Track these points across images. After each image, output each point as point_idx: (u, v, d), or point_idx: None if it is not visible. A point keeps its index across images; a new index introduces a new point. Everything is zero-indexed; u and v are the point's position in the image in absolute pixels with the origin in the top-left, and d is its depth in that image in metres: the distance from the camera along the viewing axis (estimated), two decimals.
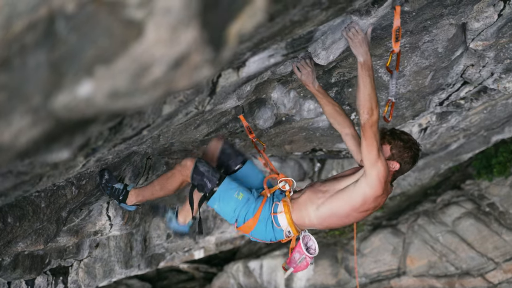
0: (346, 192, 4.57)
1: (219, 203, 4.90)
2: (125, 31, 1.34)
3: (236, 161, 5.35)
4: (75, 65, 1.36)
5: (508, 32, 5.50)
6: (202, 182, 4.85)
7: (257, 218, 4.82)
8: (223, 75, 3.55)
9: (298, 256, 4.92)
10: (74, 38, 1.34)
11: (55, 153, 1.66)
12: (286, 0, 2.45)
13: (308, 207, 4.74)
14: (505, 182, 11.93)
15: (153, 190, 5.20)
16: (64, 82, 1.37)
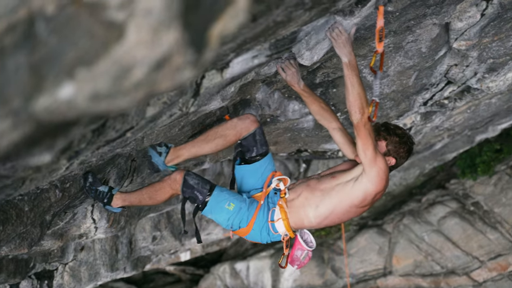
0: (345, 189, 4.58)
1: (211, 214, 4.91)
2: (106, 33, 1.34)
3: (258, 150, 5.08)
4: (56, 68, 1.34)
5: (491, 31, 5.53)
6: (193, 195, 4.82)
7: (251, 227, 4.82)
8: (207, 76, 3.54)
9: (301, 253, 4.95)
10: (54, 40, 1.33)
11: (37, 157, 1.64)
12: (269, 1, 2.44)
13: (306, 209, 4.72)
14: (489, 181, 11.99)
15: (140, 198, 5.14)
16: (44, 84, 1.36)
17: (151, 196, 5.06)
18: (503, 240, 11.62)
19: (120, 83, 1.39)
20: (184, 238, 9.74)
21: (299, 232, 4.95)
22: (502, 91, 7.28)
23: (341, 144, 5.05)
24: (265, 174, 5.08)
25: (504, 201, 11.74)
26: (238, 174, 5.18)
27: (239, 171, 5.17)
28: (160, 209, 8.21)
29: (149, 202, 5.16)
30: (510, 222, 11.66)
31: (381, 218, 12.84)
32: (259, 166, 5.08)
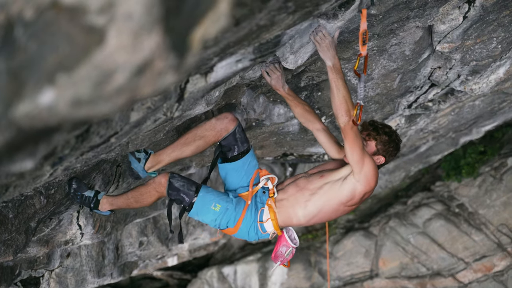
0: (334, 188, 4.62)
1: (197, 216, 4.89)
2: (87, 38, 1.32)
3: (240, 148, 5.04)
4: (36, 73, 1.33)
5: (474, 34, 5.55)
6: (179, 197, 4.80)
7: (238, 226, 4.83)
8: (191, 81, 3.53)
9: (285, 249, 4.97)
10: (34, 45, 1.31)
11: (19, 163, 1.62)
12: (251, 5, 2.44)
13: (295, 208, 4.76)
14: (474, 182, 12.04)
15: (127, 202, 5.09)
16: (25, 90, 1.34)
17: (137, 199, 5.00)
18: (487, 242, 11.67)
19: (101, 88, 1.38)
20: (171, 243, 9.71)
21: (285, 228, 4.96)
22: (485, 93, 7.31)
23: (325, 144, 5.10)
24: (249, 171, 5.07)
25: (489, 202, 11.80)
26: (222, 172, 5.18)
27: (222, 170, 5.16)
28: (147, 214, 8.19)
29: (136, 205, 5.11)
30: (495, 223, 11.72)
31: (368, 221, 12.86)
32: (242, 163, 5.06)
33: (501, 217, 11.72)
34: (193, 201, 4.79)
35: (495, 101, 8.50)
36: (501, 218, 11.72)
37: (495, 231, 11.70)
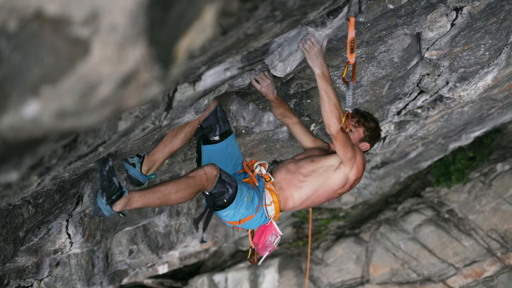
0: (327, 173, 4.77)
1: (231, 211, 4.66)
2: (71, 50, 1.32)
3: (221, 127, 4.99)
4: (20, 85, 1.32)
5: (461, 41, 5.58)
6: (224, 189, 4.50)
7: (256, 213, 4.78)
8: (179, 90, 3.52)
9: (274, 238, 5.01)
10: (17, 57, 1.31)
11: (3, 175, 1.61)
12: (239, 14, 2.44)
13: (292, 189, 4.85)
14: (463, 188, 12.08)
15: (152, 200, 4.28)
16: (9, 102, 1.33)
17: (169, 197, 4.30)
18: (477, 247, 11.70)
19: (86, 100, 1.37)
20: (161, 251, 9.68)
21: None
22: (473, 99, 7.35)
23: (300, 136, 5.29)
24: (233, 154, 5.12)
25: (478, 208, 11.84)
26: (204, 155, 5.09)
27: (205, 152, 5.09)
28: (136, 222, 8.15)
29: (159, 204, 4.40)
30: (485, 229, 11.76)
31: (358, 227, 12.86)
32: (226, 145, 5.07)
33: (490, 223, 11.76)
34: (235, 191, 4.54)
35: (484, 108, 8.54)
36: (491, 223, 11.76)
37: (485, 236, 11.74)
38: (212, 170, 4.37)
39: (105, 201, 4.03)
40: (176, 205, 9.03)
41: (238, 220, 4.76)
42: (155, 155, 4.97)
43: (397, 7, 4.58)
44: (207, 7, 1.52)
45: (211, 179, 4.37)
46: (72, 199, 5.43)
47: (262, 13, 2.60)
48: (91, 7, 1.29)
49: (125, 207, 4.19)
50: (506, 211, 11.67)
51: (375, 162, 11.01)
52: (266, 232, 5.02)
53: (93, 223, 6.91)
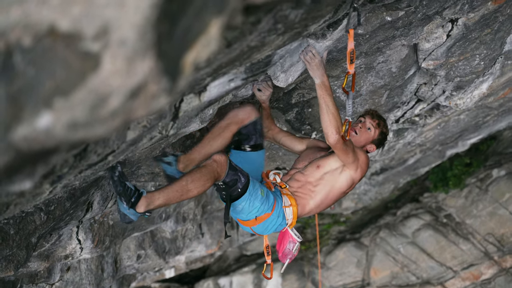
0: (334, 177, 4.81)
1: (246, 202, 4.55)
2: (82, 63, 1.33)
3: (257, 139, 4.98)
4: (34, 98, 1.34)
5: (457, 51, 5.59)
6: (237, 177, 4.41)
7: (272, 212, 4.71)
8: (185, 100, 3.53)
9: (293, 245, 5.02)
10: (32, 71, 1.32)
11: (18, 184, 1.63)
12: (242, 27, 2.45)
13: (307, 199, 4.87)
14: (461, 193, 12.07)
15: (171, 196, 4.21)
16: (23, 114, 1.34)
17: (188, 188, 4.21)
18: (475, 251, 11.69)
19: (97, 111, 1.38)
20: (168, 255, 9.68)
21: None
22: (469, 107, 7.35)
23: (288, 142, 5.38)
24: (259, 168, 5.11)
25: (475, 212, 11.83)
26: (234, 159, 4.91)
27: (236, 157, 4.99)
28: (144, 228, 8.16)
29: (180, 198, 4.27)
30: (482, 233, 11.74)
31: (359, 232, 12.85)
32: (257, 156, 5.07)
33: (487, 227, 11.75)
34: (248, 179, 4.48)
35: (480, 115, 8.54)
36: (488, 227, 11.74)
37: (482, 240, 11.72)
38: (221, 157, 4.34)
39: (126, 206, 4.04)
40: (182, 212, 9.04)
41: (254, 218, 4.67)
42: (193, 155, 4.92)
43: (395, 19, 4.59)
44: (213, 21, 1.53)
45: (223, 166, 4.33)
46: (82, 206, 5.44)
47: (265, 26, 2.62)
48: (101, 22, 1.30)
49: (148, 207, 4.13)
50: (502, 216, 11.66)
51: (374, 168, 11.01)
52: (284, 240, 5.01)
53: (103, 229, 6.91)
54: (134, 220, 4.15)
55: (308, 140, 5.38)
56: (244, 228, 4.90)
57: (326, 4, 3.01)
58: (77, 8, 1.29)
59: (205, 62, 1.60)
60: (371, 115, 4.99)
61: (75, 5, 1.29)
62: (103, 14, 1.30)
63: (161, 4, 1.34)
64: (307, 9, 2.77)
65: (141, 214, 4.12)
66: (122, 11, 1.30)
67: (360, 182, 11.69)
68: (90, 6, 1.29)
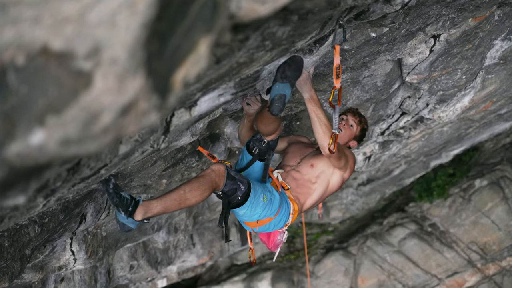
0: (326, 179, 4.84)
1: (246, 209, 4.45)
2: (75, 81, 1.33)
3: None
4: (27, 115, 1.33)
5: (440, 66, 5.63)
6: (236, 186, 4.30)
7: (275, 216, 4.65)
8: (176, 115, 3.53)
9: (282, 235, 4.98)
10: (25, 89, 1.32)
11: (11, 199, 1.62)
12: (231, 44, 2.46)
13: (306, 198, 4.88)
14: (444, 203, 12.12)
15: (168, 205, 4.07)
16: (16, 131, 1.34)
17: (186, 197, 4.09)
18: (458, 259, 11.72)
19: (89, 128, 1.38)
20: (160, 266, 9.64)
21: None
22: (452, 120, 7.39)
23: None
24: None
25: (459, 221, 11.87)
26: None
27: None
28: (137, 239, 8.13)
29: (178, 206, 4.13)
30: (465, 241, 11.78)
31: (346, 241, 12.85)
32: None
33: (470, 235, 11.79)
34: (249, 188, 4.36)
35: (462, 127, 8.59)
36: (471, 236, 11.78)
37: (466, 248, 11.75)
38: (219, 167, 4.24)
39: (124, 215, 3.93)
40: (174, 222, 9.01)
41: (256, 221, 4.59)
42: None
43: (379, 35, 4.62)
44: (202, 40, 1.54)
45: (221, 176, 4.22)
46: (75, 218, 5.41)
47: (253, 43, 2.62)
48: (93, 42, 1.31)
49: (146, 215, 4.01)
50: (485, 225, 11.70)
51: (361, 179, 11.03)
52: (273, 233, 4.98)
53: (96, 240, 6.88)
54: (133, 228, 4.03)
55: (287, 137, 5.38)
56: (246, 227, 4.81)
57: (313, 21, 3.02)
58: (69, 28, 1.29)
59: (195, 78, 1.60)
60: (353, 112, 5.06)
61: (67, 25, 1.29)
62: (94, 34, 1.30)
63: (151, 24, 1.34)
64: (294, 26, 2.78)
65: (140, 221, 4.02)
66: (113, 31, 1.31)
67: (347, 193, 11.78)
68: (82, 26, 1.30)
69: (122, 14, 1.30)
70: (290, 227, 12.71)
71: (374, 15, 4.09)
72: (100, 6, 1.29)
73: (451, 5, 4.58)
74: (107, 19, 1.30)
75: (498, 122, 9.24)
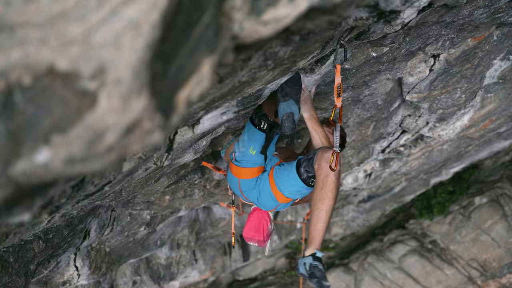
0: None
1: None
2: (80, 101, 1.34)
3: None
4: (33, 134, 1.34)
5: (439, 85, 5.63)
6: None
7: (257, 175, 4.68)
8: (179, 132, 3.54)
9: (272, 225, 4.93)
10: (31, 108, 1.33)
11: (17, 216, 1.62)
12: (234, 64, 2.47)
13: None
14: (445, 220, 12.08)
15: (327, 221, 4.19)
16: (22, 150, 1.35)
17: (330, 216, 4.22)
18: (459, 275, 11.66)
19: (93, 147, 1.39)
20: (163, 281, 9.60)
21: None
22: (452, 138, 7.39)
23: None
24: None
25: (459, 239, 11.82)
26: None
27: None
28: (140, 254, 8.11)
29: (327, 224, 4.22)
30: (465, 258, 11.72)
31: (347, 257, 12.80)
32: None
33: (470, 252, 11.73)
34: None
35: (462, 145, 8.58)
36: (471, 253, 11.73)
37: (466, 265, 11.69)
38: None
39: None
40: (176, 238, 9.00)
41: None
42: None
43: (380, 55, 4.63)
44: (205, 60, 1.55)
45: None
46: (79, 233, 5.41)
47: (255, 62, 2.63)
48: (98, 62, 1.31)
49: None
50: (484, 242, 11.65)
51: (362, 196, 11.00)
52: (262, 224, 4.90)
53: (99, 256, 6.86)
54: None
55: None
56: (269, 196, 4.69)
57: (314, 41, 3.03)
58: (75, 49, 1.30)
59: (198, 98, 1.61)
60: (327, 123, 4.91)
61: (73, 46, 1.30)
62: (100, 55, 1.31)
63: (155, 45, 1.35)
64: (295, 46, 2.79)
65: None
66: (118, 52, 1.31)
67: (348, 209, 11.75)
68: (88, 47, 1.31)
69: (126, 35, 1.31)
70: (291, 243, 12.72)
71: (375, 35, 4.11)
72: (105, 27, 1.31)
73: (451, 26, 4.60)
74: (112, 40, 1.31)
75: (498, 140, 9.24)
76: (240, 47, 2.01)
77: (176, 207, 6.94)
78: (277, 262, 13.32)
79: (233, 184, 4.83)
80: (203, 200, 7.03)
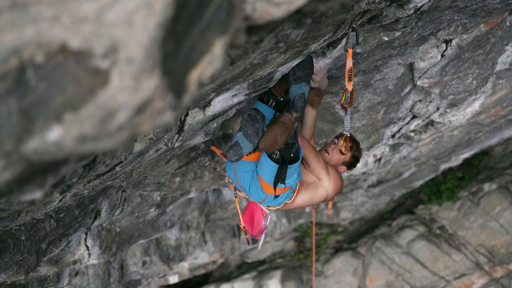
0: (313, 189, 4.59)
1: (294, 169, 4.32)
2: (92, 80, 1.33)
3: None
4: (45, 112, 1.34)
5: (451, 70, 5.59)
6: (295, 141, 4.18)
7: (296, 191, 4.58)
8: (190, 114, 3.54)
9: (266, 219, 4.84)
10: (43, 86, 1.32)
11: (29, 194, 1.63)
12: (245, 46, 2.46)
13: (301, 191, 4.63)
14: (453, 206, 12.06)
15: (273, 141, 3.80)
16: (34, 127, 1.35)
17: (276, 140, 3.81)
18: (466, 261, 11.66)
19: (105, 126, 1.38)
20: (172, 262, 9.66)
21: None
22: (462, 124, 7.35)
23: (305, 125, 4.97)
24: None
25: (467, 224, 11.81)
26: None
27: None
28: (149, 235, 8.15)
29: (270, 148, 3.84)
30: (473, 244, 11.71)
31: (355, 242, 12.83)
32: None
33: (478, 238, 11.72)
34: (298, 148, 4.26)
35: (472, 132, 8.54)
36: (479, 239, 11.72)
37: (473, 251, 11.68)
38: (291, 116, 4.02)
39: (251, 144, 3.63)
40: (186, 220, 9.04)
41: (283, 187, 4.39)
42: None
43: (391, 39, 4.60)
44: (217, 41, 1.54)
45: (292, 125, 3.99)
46: (90, 214, 5.44)
47: (267, 45, 2.62)
48: (110, 41, 1.31)
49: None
50: (493, 228, 11.63)
51: (371, 181, 11.00)
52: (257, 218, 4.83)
53: (110, 236, 6.91)
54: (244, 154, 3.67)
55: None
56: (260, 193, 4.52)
57: (326, 24, 3.01)
58: (87, 27, 1.30)
59: (209, 78, 1.60)
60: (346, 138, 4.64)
61: (85, 24, 1.30)
62: (112, 34, 1.31)
63: (167, 24, 1.34)
64: (307, 29, 2.77)
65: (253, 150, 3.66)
66: (130, 31, 1.31)
67: (357, 194, 11.75)
68: (100, 26, 1.30)
69: (139, 14, 1.31)
70: (300, 226, 12.76)
71: (387, 19, 4.07)
72: (117, 6, 1.30)
73: (463, 11, 4.55)
74: (124, 19, 1.30)
75: (508, 126, 9.18)
76: (252, 28, 2.00)
77: (186, 189, 6.96)
78: (286, 245, 13.36)
79: (229, 167, 4.71)
80: (213, 182, 7.04)
